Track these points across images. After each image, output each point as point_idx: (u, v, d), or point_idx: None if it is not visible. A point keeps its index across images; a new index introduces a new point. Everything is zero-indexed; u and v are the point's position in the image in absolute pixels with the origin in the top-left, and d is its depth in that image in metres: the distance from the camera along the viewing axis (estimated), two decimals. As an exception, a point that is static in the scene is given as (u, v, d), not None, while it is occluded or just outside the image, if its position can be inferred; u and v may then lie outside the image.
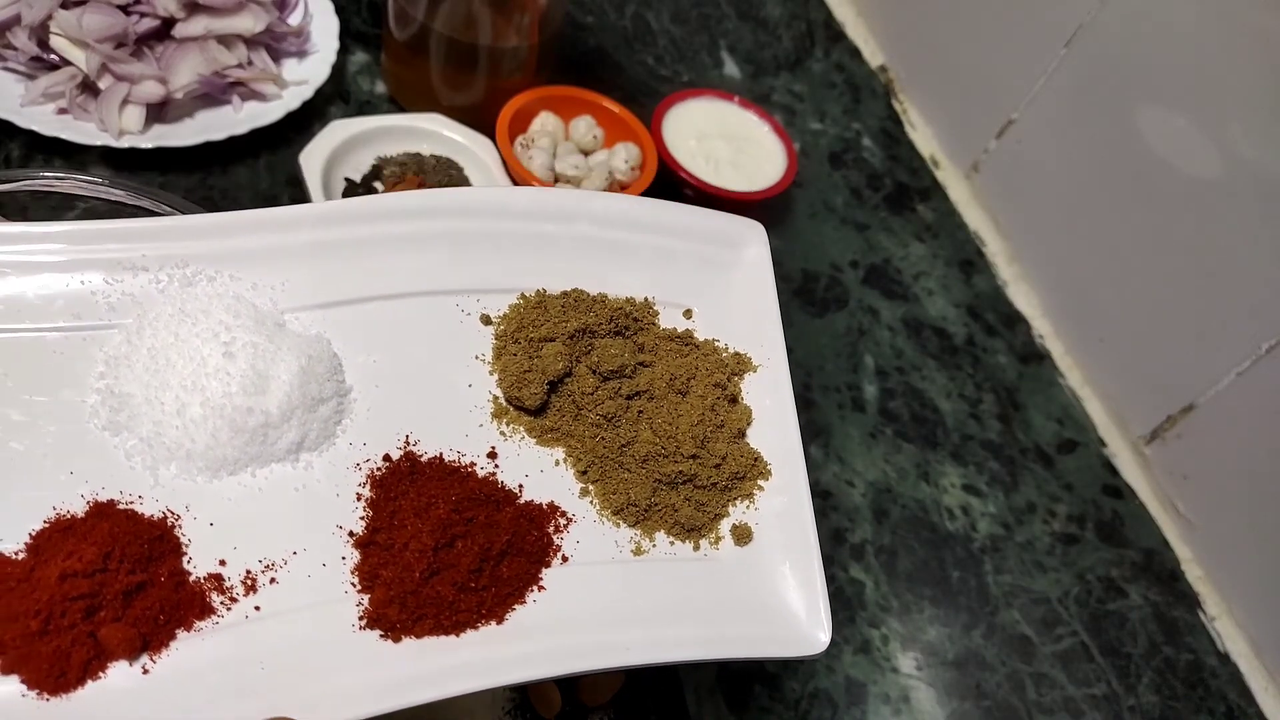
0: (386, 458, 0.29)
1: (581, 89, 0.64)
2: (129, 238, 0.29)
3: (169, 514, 0.26)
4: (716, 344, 0.34)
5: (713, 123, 0.68)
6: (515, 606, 0.27)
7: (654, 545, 0.30)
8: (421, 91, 0.63)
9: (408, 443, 0.29)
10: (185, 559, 0.26)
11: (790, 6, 0.87)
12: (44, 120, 0.54)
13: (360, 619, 0.26)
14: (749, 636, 0.29)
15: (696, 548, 0.31)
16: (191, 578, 0.26)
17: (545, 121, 0.63)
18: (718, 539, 0.31)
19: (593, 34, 0.78)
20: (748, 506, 0.32)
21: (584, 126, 0.63)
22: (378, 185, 0.59)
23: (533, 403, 0.31)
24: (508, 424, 0.31)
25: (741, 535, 0.31)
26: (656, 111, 0.66)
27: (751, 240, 0.36)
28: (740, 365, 0.34)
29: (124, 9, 0.54)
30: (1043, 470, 0.63)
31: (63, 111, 0.55)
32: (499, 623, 0.27)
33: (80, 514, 0.26)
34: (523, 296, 0.33)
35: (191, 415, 0.27)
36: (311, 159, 0.56)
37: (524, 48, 0.61)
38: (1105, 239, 0.65)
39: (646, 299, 0.34)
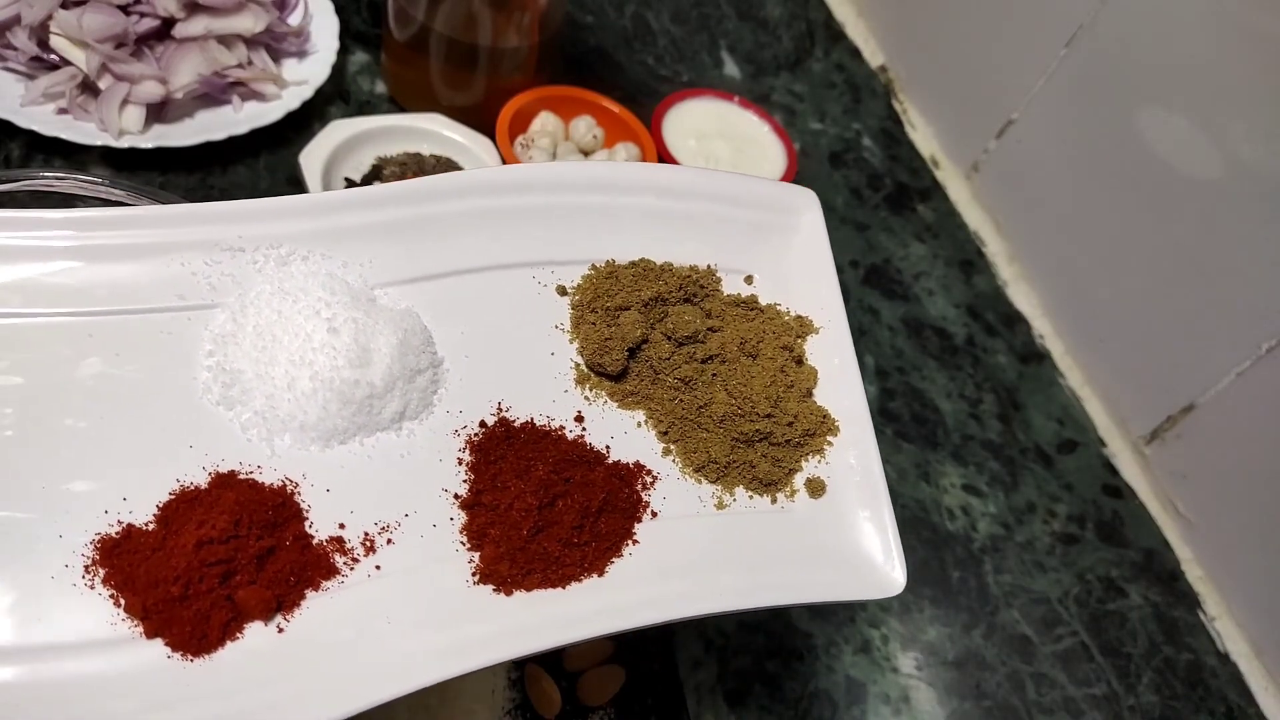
0: (482, 424, 0.30)
1: (581, 89, 0.64)
2: (225, 219, 0.30)
3: (288, 482, 0.28)
4: (779, 308, 0.36)
5: (712, 123, 0.68)
6: (613, 560, 0.29)
7: (734, 500, 0.32)
8: (421, 91, 0.63)
9: (500, 409, 0.31)
10: (307, 523, 0.27)
11: (790, 6, 0.87)
12: (44, 120, 0.54)
13: (473, 575, 0.28)
14: (830, 581, 0.31)
15: (774, 501, 0.32)
16: (315, 541, 0.27)
17: (545, 121, 0.63)
18: (793, 492, 0.32)
19: (593, 34, 0.78)
20: (819, 461, 0.33)
21: (584, 126, 0.63)
22: (378, 185, 0.58)
23: (615, 368, 0.32)
24: (590, 389, 0.32)
25: (815, 488, 0.33)
26: (656, 111, 0.66)
27: (805, 206, 0.37)
28: (803, 328, 0.35)
29: (124, 9, 0.54)
30: (1043, 470, 0.63)
31: (63, 111, 0.55)
32: (600, 575, 0.28)
33: (204, 485, 0.27)
34: (594, 267, 0.34)
35: (302, 389, 0.28)
36: (311, 159, 0.56)
37: (524, 48, 0.61)
38: (1105, 239, 0.65)
39: (709, 266, 0.35)
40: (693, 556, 0.30)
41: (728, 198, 0.36)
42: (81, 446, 0.26)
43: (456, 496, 0.29)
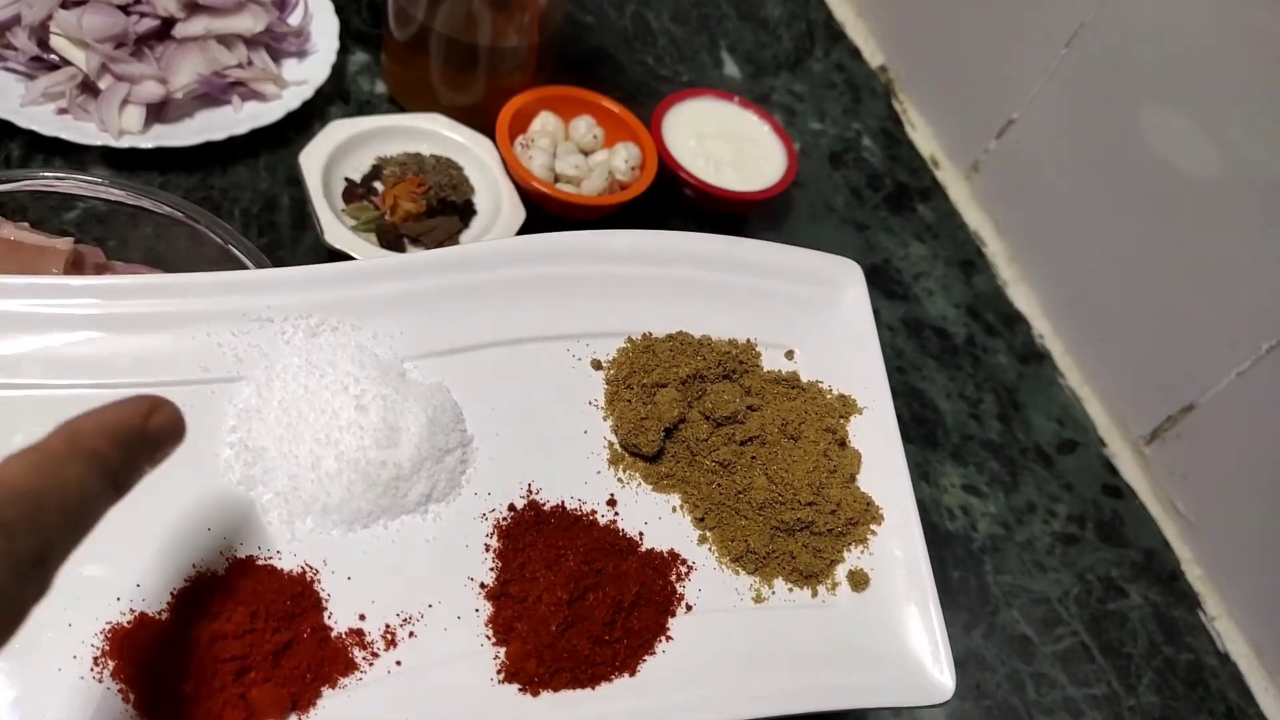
0: (511, 507, 0.29)
1: (581, 89, 0.64)
2: (254, 289, 0.29)
3: (307, 569, 0.26)
4: (821, 386, 0.34)
5: (712, 123, 0.68)
6: (645, 657, 0.27)
7: (773, 592, 0.30)
8: (421, 91, 0.63)
9: (530, 491, 0.29)
10: (326, 614, 0.26)
11: (790, 6, 0.87)
12: (44, 120, 0.54)
13: (498, 672, 0.26)
14: (873, 685, 0.29)
15: (815, 594, 0.31)
16: (333, 633, 0.26)
17: (545, 121, 0.63)
18: (834, 585, 0.31)
19: (593, 34, 0.78)
20: (862, 551, 0.32)
21: (584, 126, 0.63)
22: (377, 185, 0.59)
23: (650, 449, 0.31)
24: (624, 470, 0.31)
25: (858, 581, 0.31)
26: (656, 111, 0.66)
27: (849, 280, 0.36)
28: (846, 408, 0.34)
29: (124, 9, 0.54)
30: (1043, 470, 0.63)
31: (63, 111, 0.55)
32: (631, 675, 0.27)
33: (221, 572, 0.25)
34: (630, 340, 0.33)
35: (326, 469, 0.27)
36: (311, 159, 0.56)
37: (524, 48, 0.61)
38: (1105, 239, 0.65)
39: (749, 340, 0.34)
40: (729, 654, 0.28)
41: (768, 269, 0.35)
42: (95, 541, 0.23)
43: (483, 586, 0.28)
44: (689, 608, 0.29)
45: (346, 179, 0.58)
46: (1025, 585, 0.57)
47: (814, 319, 0.35)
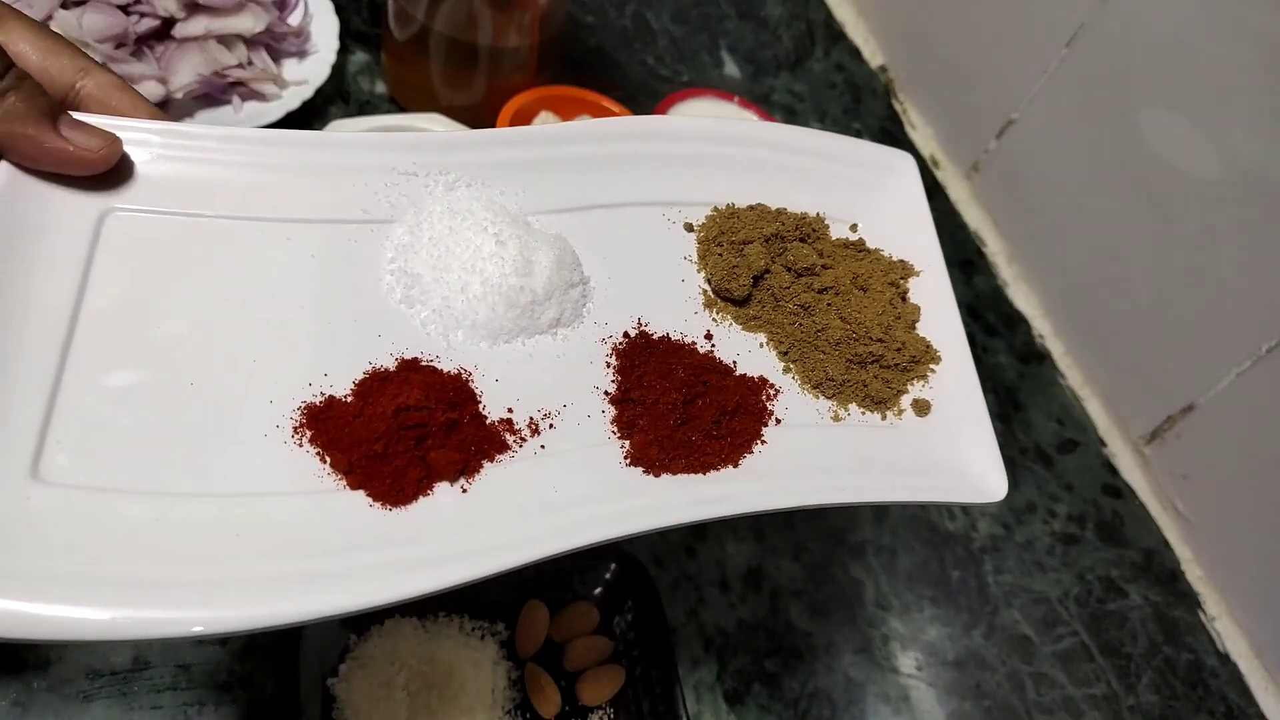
0: (625, 334, 0.34)
1: (582, 88, 0.64)
2: (403, 148, 0.34)
3: (463, 370, 0.31)
4: (882, 252, 0.39)
5: None
6: (745, 455, 0.32)
7: (848, 414, 0.35)
8: (421, 91, 0.63)
9: (640, 324, 0.35)
10: (481, 405, 0.31)
11: (790, 6, 0.87)
12: (44, 120, 0.54)
13: (625, 459, 0.31)
14: (938, 485, 0.34)
15: (884, 418, 0.36)
16: (488, 420, 0.31)
17: (545, 121, 0.63)
18: (900, 411, 0.36)
19: (593, 33, 0.78)
20: (923, 386, 0.37)
21: (584, 126, 0.63)
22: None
23: (740, 294, 0.36)
24: (717, 313, 0.36)
25: (921, 408, 0.36)
26: (656, 111, 0.66)
27: (905, 168, 0.41)
28: (905, 270, 0.39)
29: (124, 9, 0.54)
30: (1043, 470, 0.63)
31: (63, 111, 0.55)
32: (734, 466, 0.32)
33: (392, 368, 0.30)
34: (715, 209, 0.38)
35: (474, 292, 0.32)
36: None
37: (524, 47, 0.61)
38: (1105, 239, 0.65)
39: (818, 214, 0.39)
40: (815, 458, 0.33)
41: (834, 155, 0.40)
42: (286, 331, 0.30)
43: (606, 394, 0.33)
44: (778, 421, 0.34)
45: (347, 179, 0.58)
46: (1025, 585, 0.57)
47: (874, 199, 0.40)
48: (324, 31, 0.63)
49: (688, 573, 0.51)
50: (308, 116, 0.60)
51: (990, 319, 0.70)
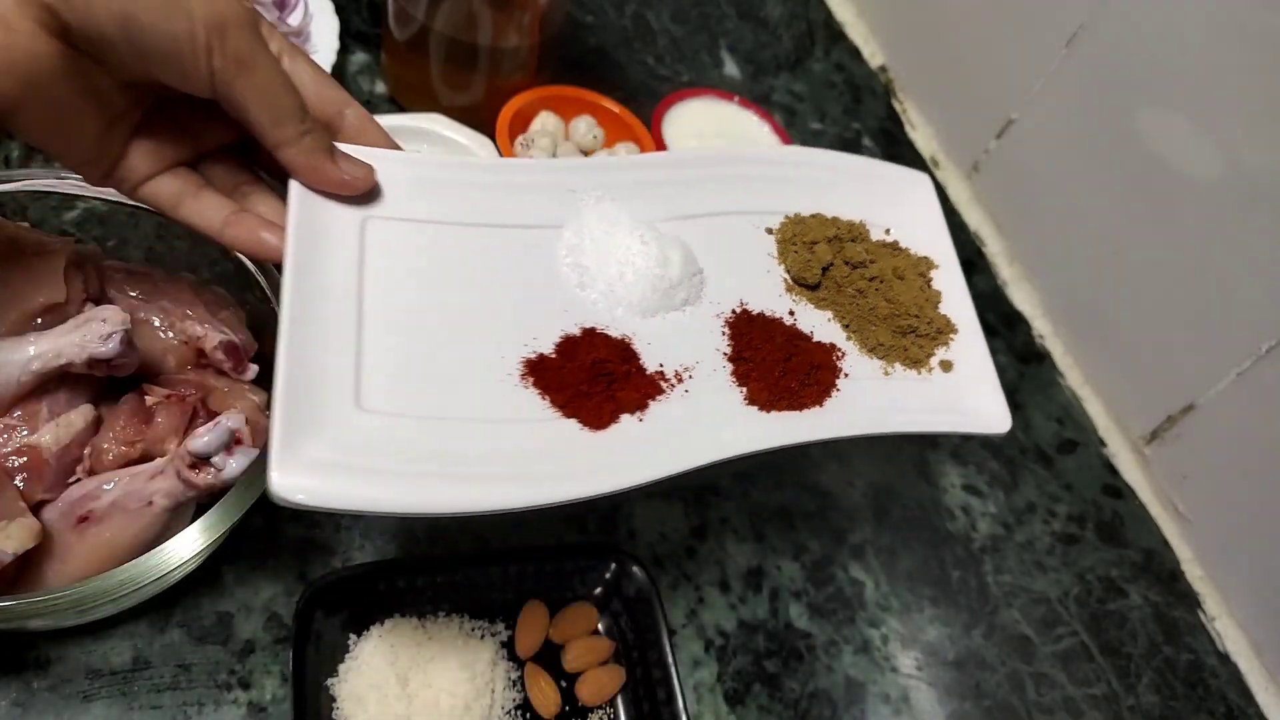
0: (733, 310, 0.45)
1: (582, 89, 0.64)
2: (566, 170, 0.45)
3: (626, 336, 0.41)
4: (910, 250, 0.51)
5: (712, 123, 0.68)
6: (826, 399, 0.43)
7: (894, 370, 0.46)
8: (422, 91, 0.63)
9: (742, 303, 0.45)
10: (641, 361, 0.41)
11: (790, 6, 0.87)
12: (44, 120, 0.54)
13: (745, 400, 0.42)
14: (961, 421, 0.46)
15: (919, 373, 0.47)
16: (648, 371, 0.41)
17: (545, 121, 0.63)
18: (930, 369, 0.47)
19: (593, 33, 0.78)
20: (946, 350, 0.48)
21: (584, 126, 0.63)
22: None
23: (814, 281, 0.47)
24: (795, 296, 0.47)
25: (946, 366, 0.47)
26: (656, 111, 0.66)
27: (924, 185, 0.53)
28: (928, 265, 0.50)
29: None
30: (1043, 470, 0.63)
31: (63, 111, 0.55)
32: (820, 406, 0.43)
33: (578, 334, 0.41)
34: (787, 216, 0.49)
35: (628, 279, 0.42)
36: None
37: (524, 47, 0.61)
38: (1105, 239, 0.65)
39: (861, 220, 0.50)
40: (873, 400, 0.45)
41: (871, 175, 0.53)
42: (503, 305, 0.40)
43: (724, 354, 0.43)
44: (846, 375, 0.45)
45: (347, 179, 0.58)
46: (1025, 585, 0.57)
47: (902, 209, 0.52)
48: (324, 31, 0.63)
49: (688, 573, 0.51)
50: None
51: (990, 319, 0.70)
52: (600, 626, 0.47)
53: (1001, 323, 0.70)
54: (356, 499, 0.33)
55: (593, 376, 0.39)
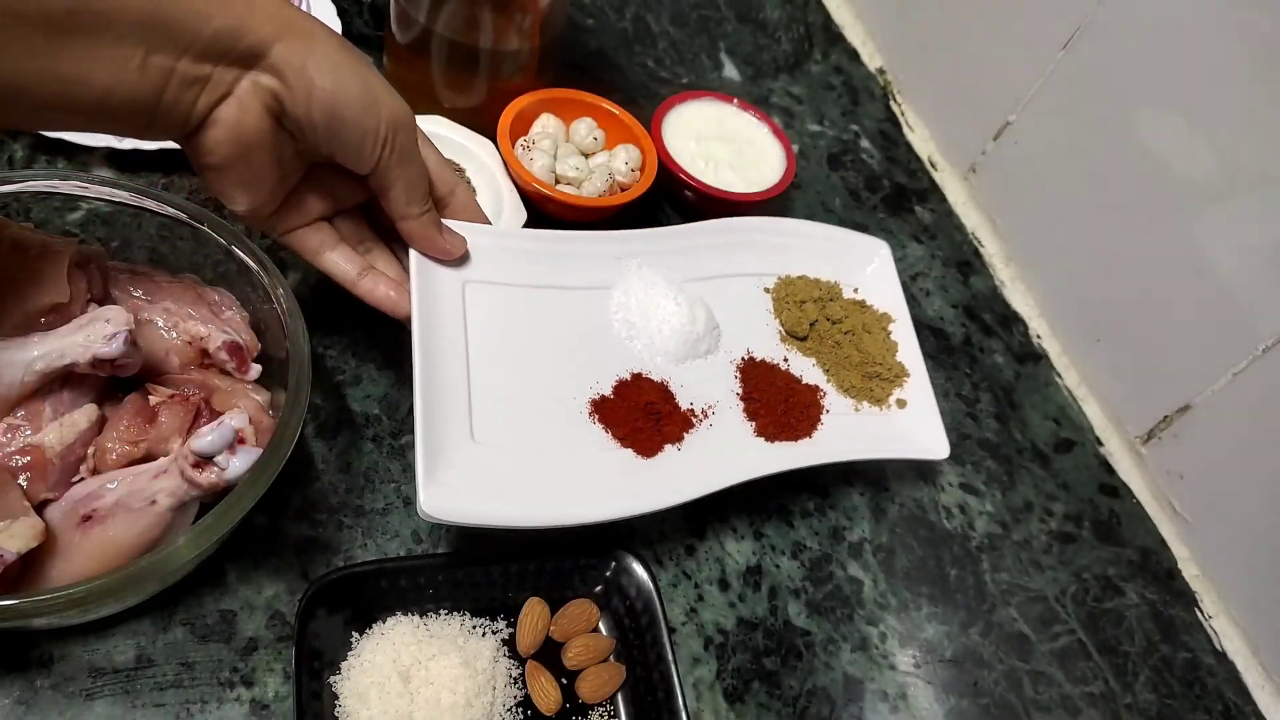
0: (742, 358, 0.55)
1: (582, 91, 0.65)
2: (612, 240, 0.54)
3: (664, 380, 0.52)
4: (874, 306, 0.60)
5: (712, 125, 0.69)
6: (814, 430, 0.53)
7: (863, 407, 0.56)
8: (423, 94, 0.63)
9: (749, 352, 0.55)
10: (676, 400, 0.51)
11: (789, 9, 0.88)
12: (48, 122, 0.54)
13: (754, 432, 0.52)
14: (910, 450, 0.55)
15: (881, 409, 0.57)
16: (682, 408, 0.51)
17: (546, 123, 0.63)
18: (889, 406, 0.57)
19: (593, 36, 0.78)
20: (901, 390, 0.58)
21: (585, 128, 0.64)
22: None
23: (802, 334, 0.57)
24: (788, 346, 0.57)
25: (901, 404, 0.57)
26: (656, 114, 0.66)
27: (884, 251, 0.63)
28: (887, 319, 0.60)
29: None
30: (1040, 469, 0.63)
31: (66, 113, 0.55)
32: (809, 437, 0.53)
33: (628, 378, 0.51)
34: (779, 278, 0.59)
35: (665, 333, 0.52)
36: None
37: (525, 50, 0.62)
38: (1102, 240, 0.66)
39: (835, 281, 0.60)
40: (848, 433, 0.54)
41: (844, 242, 0.62)
42: (571, 354, 0.50)
43: (738, 394, 0.53)
44: (828, 411, 0.55)
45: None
46: (1022, 584, 0.57)
47: (865, 271, 0.62)
48: (325, 34, 0.63)
49: (687, 571, 0.51)
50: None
51: (987, 319, 0.71)
52: (600, 624, 0.47)
53: (998, 323, 0.71)
54: (482, 515, 0.42)
55: (645, 414, 0.49)
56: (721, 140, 0.68)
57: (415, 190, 0.44)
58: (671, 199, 0.67)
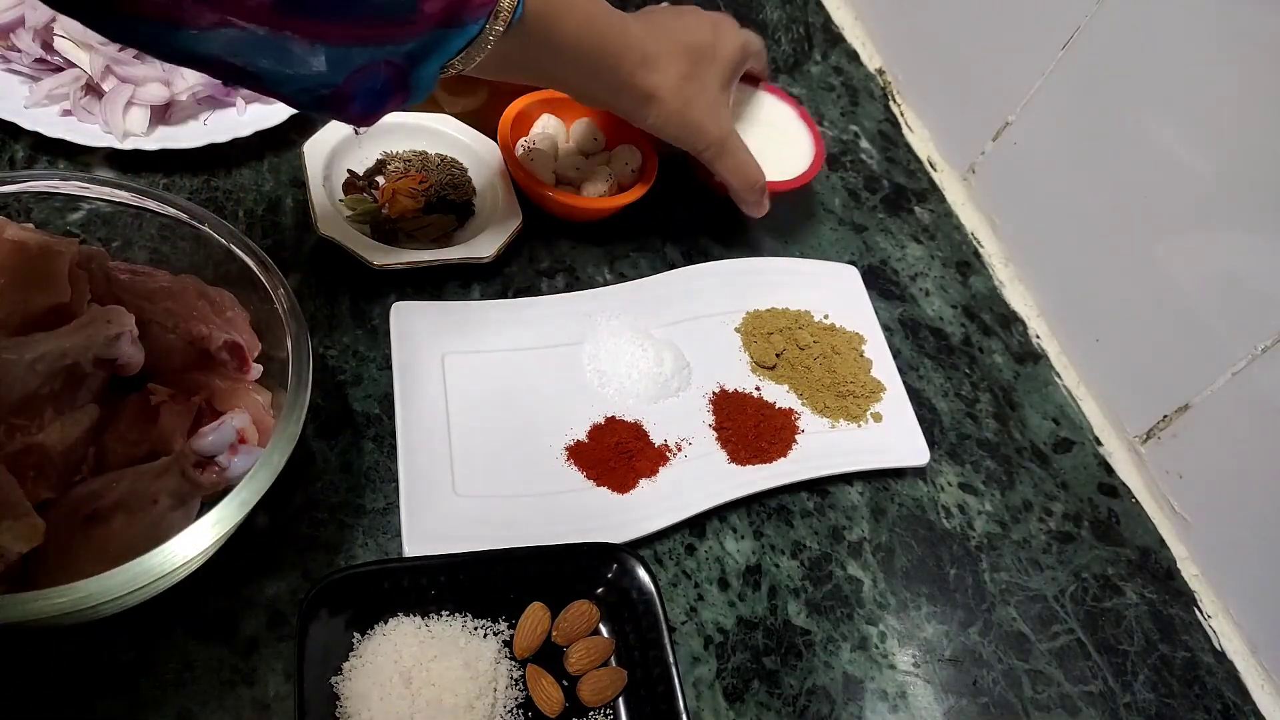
0: (714, 391, 0.58)
1: (581, 91, 0.64)
2: (580, 301, 0.59)
3: (637, 420, 0.55)
4: (845, 328, 0.63)
5: (739, 109, 0.68)
6: (788, 451, 0.56)
7: (838, 425, 0.59)
8: (423, 94, 0.63)
9: (720, 385, 0.58)
10: (650, 437, 0.55)
11: (789, 10, 0.88)
12: (48, 122, 0.54)
13: (728, 459, 0.55)
14: (893, 458, 0.58)
15: (858, 425, 0.59)
16: (656, 445, 0.54)
17: (547, 124, 0.63)
18: (865, 421, 0.60)
19: (592, 36, 0.78)
20: (877, 405, 0.60)
21: (585, 129, 0.64)
22: (380, 179, 0.59)
23: (771, 363, 0.60)
24: (759, 375, 0.60)
25: (877, 417, 0.60)
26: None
27: (852, 275, 0.66)
28: (859, 339, 0.63)
29: (128, 12, 0.55)
30: (1039, 469, 0.63)
31: (67, 113, 0.55)
32: (784, 457, 0.56)
33: (602, 422, 0.55)
34: (747, 313, 0.62)
35: (634, 376, 0.56)
36: (315, 149, 0.57)
37: (524, 50, 0.61)
38: (1101, 240, 0.66)
39: (805, 310, 0.64)
40: (824, 450, 0.57)
41: (812, 273, 0.66)
42: (545, 405, 0.54)
43: (710, 425, 0.56)
44: (802, 431, 0.58)
45: (349, 171, 0.59)
46: (1022, 583, 0.57)
47: (836, 298, 0.65)
48: (326, 34, 0.63)
49: (687, 571, 0.51)
50: (312, 119, 0.61)
51: (986, 319, 0.71)
52: (601, 625, 0.47)
53: (998, 323, 0.71)
54: (461, 549, 0.46)
55: (617, 454, 0.53)
56: (747, 124, 0.68)
57: (745, 178, 0.61)
58: (679, 190, 0.67)
